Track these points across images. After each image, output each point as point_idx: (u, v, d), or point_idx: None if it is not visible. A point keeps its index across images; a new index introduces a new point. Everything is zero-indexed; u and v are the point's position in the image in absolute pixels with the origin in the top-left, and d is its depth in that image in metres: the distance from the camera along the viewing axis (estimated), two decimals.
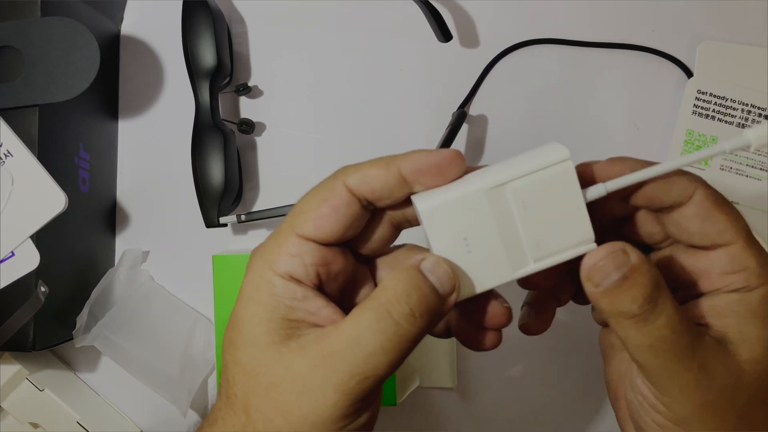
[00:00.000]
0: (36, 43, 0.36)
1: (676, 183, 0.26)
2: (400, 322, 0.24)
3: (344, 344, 0.24)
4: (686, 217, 0.26)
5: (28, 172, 0.36)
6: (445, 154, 0.27)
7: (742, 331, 0.26)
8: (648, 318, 0.25)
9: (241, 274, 0.41)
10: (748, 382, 0.25)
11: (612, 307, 0.25)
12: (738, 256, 0.26)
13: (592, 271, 0.25)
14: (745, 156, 0.44)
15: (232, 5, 0.46)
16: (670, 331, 0.25)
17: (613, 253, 0.25)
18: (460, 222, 0.26)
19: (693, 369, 0.25)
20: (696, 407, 0.25)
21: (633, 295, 0.24)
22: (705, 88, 0.44)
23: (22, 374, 0.41)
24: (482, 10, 0.46)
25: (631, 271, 0.24)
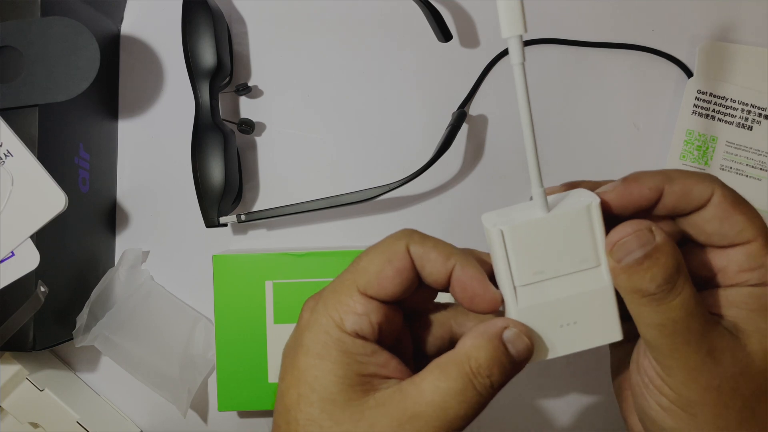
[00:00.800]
0: (36, 43, 0.36)
1: (695, 189, 0.26)
2: (483, 393, 0.25)
3: (430, 409, 0.25)
4: (704, 219, 0.27)
5: (28, 172, 0.36)
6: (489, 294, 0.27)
7: (754, 323, 0.26)
8: (665, 298, 0.25)
9: (242, 273, 0.42)
10: (756, 373, 0.26)
11: (630, 283, 0.25)
12: (756, 254, 0.26)
13: (617, 246, 0.26)
14: (745, 156, 0.44)
15: (232, 5, 0.46)
16: (685, 313, 0.25)
17: (639, 230, 0.25)
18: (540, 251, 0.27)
19: (701, 352, 0.25)
20: (701, 391, 0.26)
21: (653, 274, 0.25)
22: (705, 88, 0.44)
23: (22, 374, 0.41)
24: (482, 10, 0.46)
25: (654, 250, 0.25)
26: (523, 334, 0.26)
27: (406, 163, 0.45)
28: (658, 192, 0.26)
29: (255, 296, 0.42)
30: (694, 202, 0.26)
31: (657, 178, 0.26)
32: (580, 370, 0.45)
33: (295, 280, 0.42)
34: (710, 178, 0.27)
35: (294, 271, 0.42)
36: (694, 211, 0.27)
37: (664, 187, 0.26)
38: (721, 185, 0.27)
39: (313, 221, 0.46)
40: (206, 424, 0.46)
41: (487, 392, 0.25)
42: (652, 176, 0.27)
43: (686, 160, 0.44)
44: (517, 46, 0.25)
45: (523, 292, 0.27)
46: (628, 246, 0.25)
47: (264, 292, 0.42)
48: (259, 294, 0.42)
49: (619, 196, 0.27)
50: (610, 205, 0.27)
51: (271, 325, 0.42)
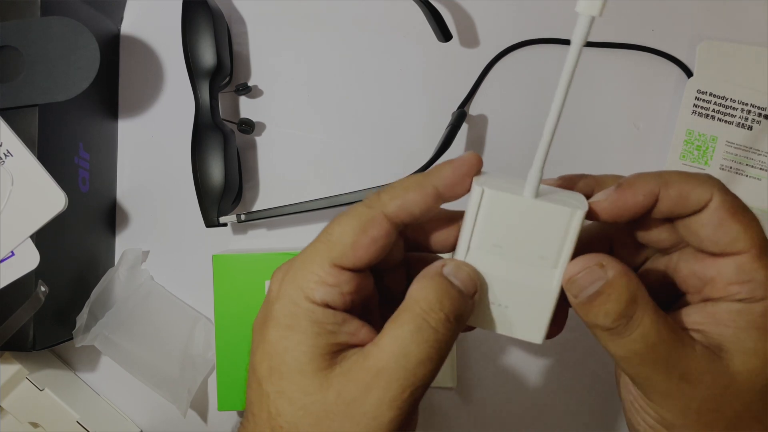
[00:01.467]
0: (36, 43, 0.36)
1: (693, 193, 0.25)
2: (438, 329, 0.25)
3: (391, 360, 0.24)
4: (699, 222, 0.26)
5: (28, 172, 0.36)
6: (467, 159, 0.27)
7: (739, 341, 0.25)
8: (622, 332, 0.25)
9: (242, 273, 0.42)
10: (739, 393, 0.25)
11: (588, 318, 0.25)
12: (746, 266, 0.25)
13: (569, 283, 0.26)
14: (745, 156, 0.44)
15: (232, 5, 0.46)
16: (645, 345, 0.25)
17: (589, 267, 0.25)
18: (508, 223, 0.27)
19: (673, 378, 0.25)
20: (680, 413, 0.25)
21: (606, 310, 0.25)
22: (705, 88, 0.44)
23: (22, 374, 0.41)
24: (482, 10, 0.46)
25: (605, 286, 0.25)
26: (462, 265, 0.26)
27: (406, 162, 0.45)
28: (654, 197, 0.26)
29: (255, 296, 0.42)
30: (691, 206, 0.26)
31: (653, 183, 0.26)
32: (580, 370, 0.45)
33: None
34: (710, 182, 0.26)
35: None
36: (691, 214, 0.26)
37: (660, 191, 0.26)
38: (720, 190, 0.26)
39: (313, 221, 0.46)
40: (206, 424, 0.46)
41: (444, 326, 0.25)
42: (647, 181, 0.26)
43: (686, 159, 0.44)
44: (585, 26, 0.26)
45: (475, 255, 0.27)
46: (581, 283, 0.25)
47: (264, 291, 0.42)
48: (259, 294, 0.42)
49: (612, 205, 0.26)
50: (604, 214, 0.26)
51: None
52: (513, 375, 0.45)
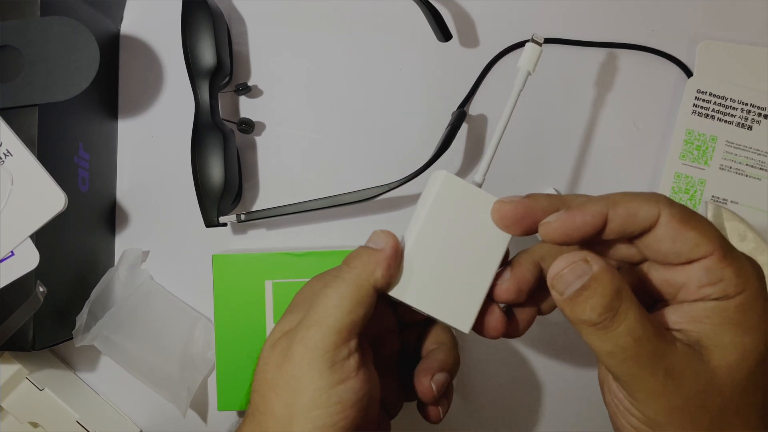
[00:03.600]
0: (36, 43, 0.36)
1: (640, 211, 0.26)
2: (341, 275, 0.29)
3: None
4: (657, 239, 0.27)
5: (27, 171, 0.36)
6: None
7: (717, 337, 0.26)
8: (608, 326, 0.25)
9: (241, 273, 0.42)
10: (721, 388, 0.25)
11: (574, 314, 0.26)
12: (713, 268, 0.26)
13: (555, 279, 0.26)
14: (745, 156, 0.44)
15: (232, 5, 0.46)
16: (631, 339, 0.25)
17: (574, 263, 0.26)
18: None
19: (659, 375, 0.25)
20: (665, 411, 0.26)
21: (592, 304, 0.25)
22: (705, 88, 0.44)
23: (21, 374, 0.41)
24: (482, 10, 0.46)
25: (591, 280, 0.25)
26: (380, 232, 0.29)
27: (406, 162, 0.45)
28: (602, 217, 0.27)
29: (255, 296, 0.42)
30: (641, 223, 0.26)
31: (600, 204, 0.27)
32: (579, 370, 0.45)
33: (294, 279, 0.42)
34: (655, 198, 0.27)
35: (294, 271, 0.42)
36: (644, 232, 0.27)
37: (609, 212, 0.27)
38: (667, 204, 0.26)
39: (313, 221, 0.46)
40: (206, 423, 0.46)
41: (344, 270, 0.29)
42: (595, 202, 0.27)
43: (686, 159, 0.44)
44: (522, 77, 0.31)
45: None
46: (566, 279, 0.26)
47: (264, 291, 0.42)
48: (259, 294, 0.42)
49: (561, 226, 0.27)
50: (554, 235, 0.27)
51: (271, 325, 0.42)
52: (513, 375, 0.45)
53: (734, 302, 0.26)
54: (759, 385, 0.26)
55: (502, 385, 0.46)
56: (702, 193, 0.44)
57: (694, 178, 0.44)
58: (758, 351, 0.26)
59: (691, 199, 0.44)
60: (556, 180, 0.46)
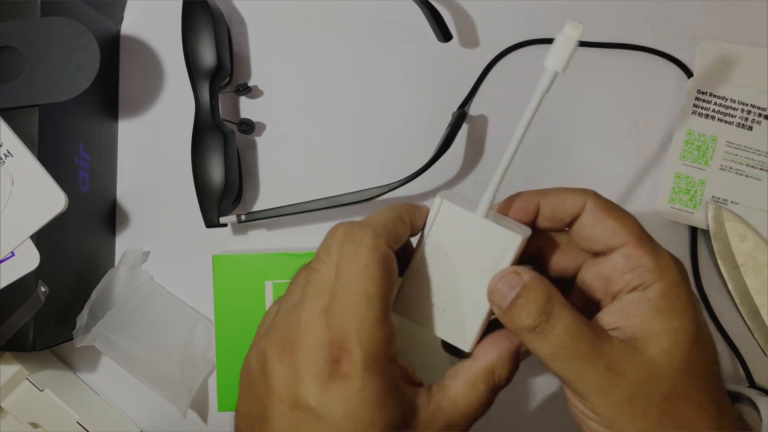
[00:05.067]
0: (36, 43, 0.36)
1: (568, 199, 0.29)
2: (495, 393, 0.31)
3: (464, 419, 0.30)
4: (582, 225, 0.29)
5: (28, 172, 0.36)
6: None
7: (647, 326, 0.27)
8: (545, 329, 0.27)
9: (242, 274, 0.41)
10: (663, 376, 0.27)
11: (513, 323, 0.28)
12: (631, 254, 0.28)
13: (493, 294, 0.28)
14: (745, 156, 0.44)
15: (232, 5, 0.46)
16: (568, 338, 0.27)
17: (506, 276, 0.28)
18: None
19: (600, 370, 0.26)
20: (614, 407, 0.27)
21: (528, 310, 0.27)
22: (705, 88, 0.44)
23: (22, 374, 0.41)
24: (482, 10, 0.46)
25: (523, 288, 0.28)
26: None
27: (406, 163, 0.45)
28: (534, 204, 0.30)
29: (255, 296, 0.42)
30: (569, 211, 0.29)
31: (534, 193, 0.30)
32: None
33: None
34: (584, 190, 0.29)
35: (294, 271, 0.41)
36: (573, 220, 0.29)
37: (540, 199, 0.30)
38: (593, 195, 0.29)
39: (313, 221, 0.46)
40: (206, 424, 0.46)
41: None
42: (531, 192, 0.30)
43: (686, 160, 0.44)
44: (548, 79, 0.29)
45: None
46: (502, 291, 0.28)
47: (264, 292, 0.42)
48: (259, 294, 0.42)
49: (501, 208, 0.30)
50: None
51: None
52: None
53: (656, 289, 0.27)
54: (699, 367, 0.27)
55: None
56: (702, 193, 0.44)
57: (694, 178, 0.44)
58: (688, 333, 0.27)
59: (692, 199, 0.44)
60: (556, 180, 0.46)
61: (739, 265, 0.43)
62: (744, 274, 0.43)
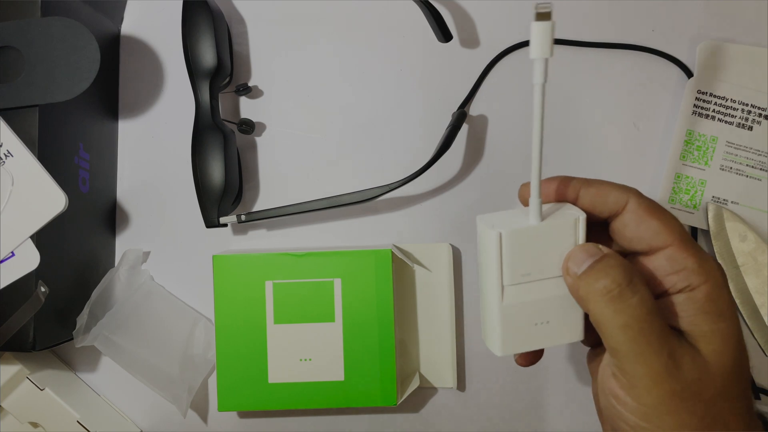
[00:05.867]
0: (36, 43, 0.36)
1: (611, 194, 0.29)
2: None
3: None
4: (623, 224, 0.29)
5: (28, 172, 0.36)
6: None
7: (697, 327, 0.27)
8: (623, 294, 0.27)
9: (242, 274, 0.42)
10: (714, 376, 0.27)
11: (589, 287, 0.27)
12: (675, 256, 0.28)
13: (570, 262, 0.28)
14: (745, 156, 0.44)
15: (232, 5, 0.46)
16: (646, 311, 0.26)
17: (586, 246, 0.28)
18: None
19: (664, 355, 0.26)
20: (665, 397, 0.26)
21: (607, 272, 0.27)
22: (705, 88, 0.44)
23: (22, 374, 0.41)
24: (482, 10, 0.46)
25: (604, 256, 0.28)
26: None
27: (406, 163, 0.45)
28: (575, 192, 0.30)
29: (255, 296, 0.42)
30: (609, 206, 0.29)
31: (576, 180, 0.30)
32: (579, 371, 0.46)
33: (295, 280, 0.42)
34: (627, 188, 0.29)
35: (294, 272, 0.42)
36: (612, 216, 0.29)
37: (581, 189, 0.29)
38: (636, 194, 0.29)
39: (313, 221, 0.46)
40: (206, 424, 0.46)
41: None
42: (572, 179, 0.30)
43: (686, 160, 0.44)
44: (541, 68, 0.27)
45: (510, 291, 0.29)
46: (579, 258, 0.28)
47: (264, 292, 0.42)
48: (260, 294, 0.42)
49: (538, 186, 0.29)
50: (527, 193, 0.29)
51: (272, 325, 0.42)
52: (513, 375, 0.45)
53: (701, 292, 0.27)
54: (744, 370, 0.27)
55: (502, 385, 0.46)
56: (702, 193, 0.44)
57: (694, 178, 0.44)
58: (735, 336, 0.27)
59: (692, 199, 0.44)
60: None
61: (739, 265, 0.43)
62: (744, 274, 0.43)
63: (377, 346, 0.41)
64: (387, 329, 0.41)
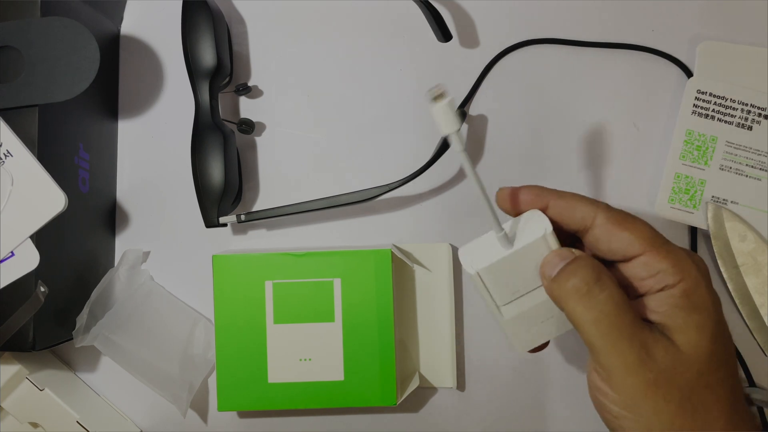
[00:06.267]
0: (36, 43, 0.36)
1: (578, 208, 0.30)
2: None
3: None
4: (595, 238, 0.30)
5: (28, 172, 0.36)
6: None
7: (672, 320, 0.28)
8: (592, 291, 0.28)
9: (242, 274, 0.42)
10: (689, 363, 0.28)
11: (560, 289, 0.29)
12: (650, 262, 0.29)
13: (545, 266, 0.30)
14: (745, 156, 0.44)
15: (232, 5, 0.46)
16: (614, 305, 0.28)
17: (559, 251, 0.30)
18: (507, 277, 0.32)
19: (635, 345, 0.28)
20: (640, 386, 0.28)
21: (575, 273, 0.29)
22: (705, 88, 0.44)
23: (22, 374, 0.41)
24: (482, 10, 0.46)
25: (575, 258, 0.29)
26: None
27: (405, 163, 0.45)
28: (543, 201, 0.31)
29: (255, 296, 0.42)
30: (577, 220, 0.30)
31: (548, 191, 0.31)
32: (580, 369, 0.45)
33: (295, 280, 0.42)
34: (595, 202, 0.30)
35: (294, 272, 0.42)
36: (584, 230, 0.30)
37: (550, 200, 0.31)
38: (605, 208, 0.30)
39: (313, 221, 0.46)
40: (206, 424, 0.46)
41: None
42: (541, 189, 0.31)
43: (686, 160, 0.44)
44: (456, 139, 0.28)
45: (506, 308, 0.32)
46: (553, 262, 0.30)
47: (264, 292, 0.42)
48: (259, 294, 0.42)
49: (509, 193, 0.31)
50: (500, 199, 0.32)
51: (271, 325, 0.42)
52: (513, 375, 0.45)
53: (677, 290, 0.29)
54: (721, 360, 0.28)
55: (502, 385, 0.46)
56: (702, 193, 0.44)
57: (694, 178, 0.44)
58: (709, 328, 0.28)
59: (691, 199, 0.44)
60: (555, 181, 0.46)
61: (739, 265, 0.43)
62: (744, 274, 0.43)
63: (377, 346, 0.41)
64: (387, 329, 0.41)
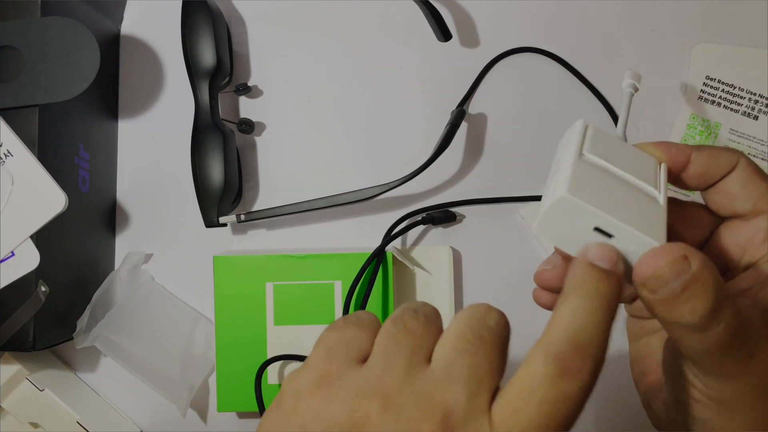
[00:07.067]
0: (36, 43, 0.36)
1: (722, 156, 0.28)
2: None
3: None
4: (730, 182, 0.28)
5: (28, 172, 0.36)
6: None
7: None
8: (707, 327, 0.23)
9: (242, 275, 0.42)
10: None
11: (670, 316, 0.24)
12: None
13: (652, 278, 0.23)
14: (748, 145, 0.44)
15: (232, 5, 0.46)
16: (728, 336, 0.24)
17: (673, 260, 0.23)
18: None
19: (743, 358, 0.24)
20: (741, 391, 0.25)
21: (693, 306, 0.23)
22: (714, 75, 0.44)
23: (22, 374, 0.41)
24: (482, 10, 0.46)
25: (692, 280, 0.23)
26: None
27: (405, 161, 0.45)
28: (686, 156, 0.28)
29: (255, 297, 0.42)
30: (721, 167, 0.28)
31: (687, 146, 0.28)
32: None
33: (295, 282, 0.42)
34: (737, 151, 0.28)
35: (294, 273, 0.42)
36: (721, 178, 0.28)
37: (693, 153, 0.28)
38: (746, 157, 0.28)
39: (313, 221, 0.46)
40: (206, 424, 0.46)
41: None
42: (681, 144, 0.28)
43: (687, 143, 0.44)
44: None
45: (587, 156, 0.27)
46: (664, 277, 0.23)
47: (264, 293, 0.42)
48: (260, 295, 0.42)
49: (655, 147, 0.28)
50: None
51: (272, 327, 0.42)
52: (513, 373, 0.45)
53: None
54: None
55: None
56: None
57: None
58: None
59: None
60: None
61: None
62: None
63: None
64: None
